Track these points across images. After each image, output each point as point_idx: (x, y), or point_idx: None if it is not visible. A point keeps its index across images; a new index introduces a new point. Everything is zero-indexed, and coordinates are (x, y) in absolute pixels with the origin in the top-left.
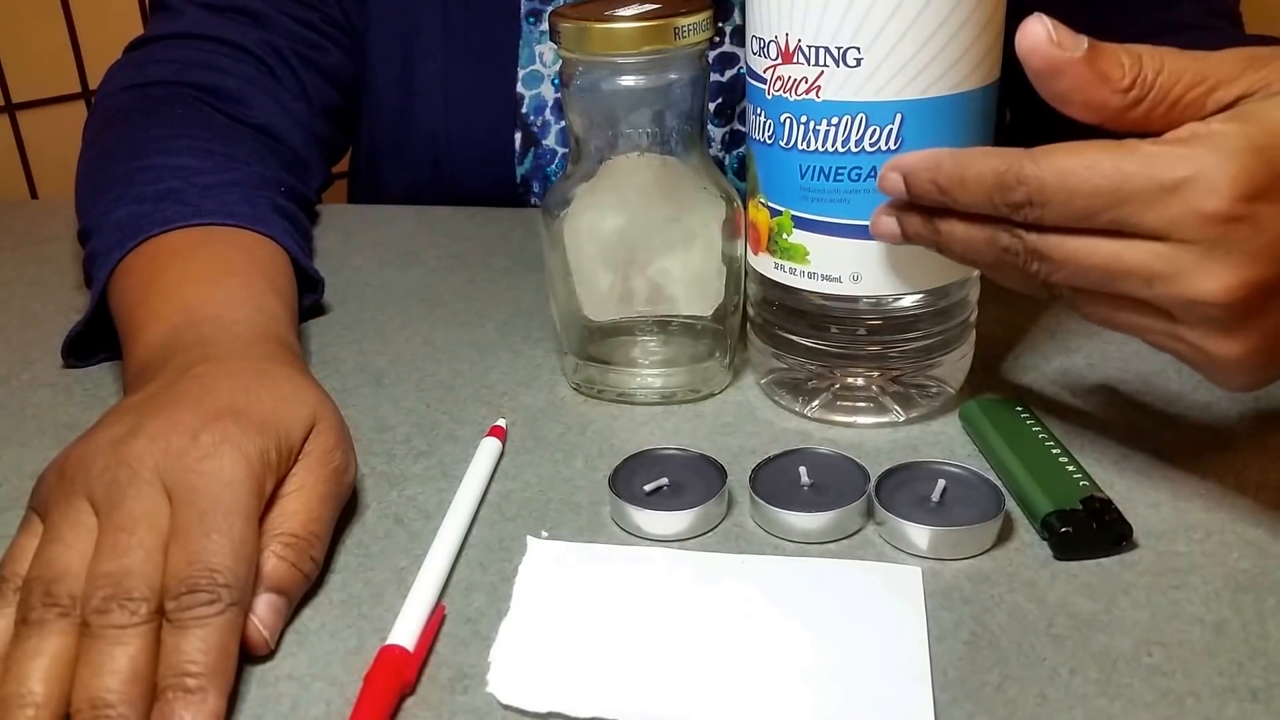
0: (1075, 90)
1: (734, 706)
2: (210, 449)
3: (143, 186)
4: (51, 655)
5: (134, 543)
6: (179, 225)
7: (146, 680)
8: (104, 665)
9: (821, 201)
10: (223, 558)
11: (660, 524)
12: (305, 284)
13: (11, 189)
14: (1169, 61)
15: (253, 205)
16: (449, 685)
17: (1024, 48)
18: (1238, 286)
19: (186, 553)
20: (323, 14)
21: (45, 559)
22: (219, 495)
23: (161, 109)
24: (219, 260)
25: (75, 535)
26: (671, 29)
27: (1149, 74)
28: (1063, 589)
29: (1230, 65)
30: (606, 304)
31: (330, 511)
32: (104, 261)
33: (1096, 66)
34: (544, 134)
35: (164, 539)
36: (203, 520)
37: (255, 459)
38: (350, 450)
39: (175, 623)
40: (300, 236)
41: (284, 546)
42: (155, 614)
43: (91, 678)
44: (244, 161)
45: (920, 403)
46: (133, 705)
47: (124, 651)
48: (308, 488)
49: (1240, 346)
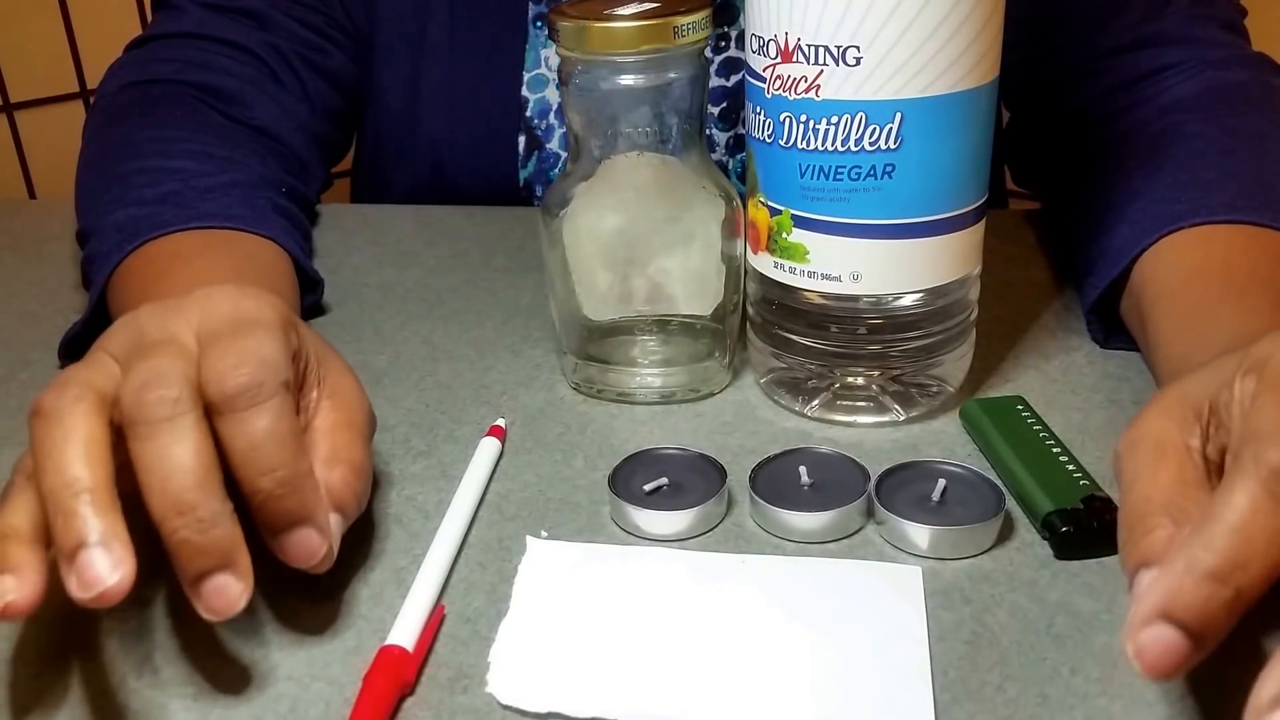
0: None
1: (734, 706)
2: (234, 292)
3: (141, 189)
4: (85, 437)
5: (160, 350)
6: (178, 228)
7: (218, 473)
8: (168, 466)
9: (821, 201)
10: (261, 350)
11: (660, 524)
12: (305, 284)
13: (10, 189)
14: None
15: (252, 207)
16: (448, 685)
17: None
18: None
19: (221, 352)
20: (326, 16)
21: (67, 375)
22: (248, 313)
23: (161, 109)
24: (219, 263)
25: (100, 365)
26: (671, 28)
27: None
28: (1063, 588)
29: (1217, 385)
30: (606, 303)
31: (370, 452)
32: (103, 264)
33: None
34: (548, 137)
35: (194, 352)
36: (235, 329)
37: (280, 309)
38: (367, 395)
39: (230, 415)
40: (300, 237)
41: (352, 474)
42: (196, 406)
43: (162, 483)
44: (244, 163)
45: (920, 402)
46: (217, 499)
47: (183, 448)
48: (354, 426)
49: None
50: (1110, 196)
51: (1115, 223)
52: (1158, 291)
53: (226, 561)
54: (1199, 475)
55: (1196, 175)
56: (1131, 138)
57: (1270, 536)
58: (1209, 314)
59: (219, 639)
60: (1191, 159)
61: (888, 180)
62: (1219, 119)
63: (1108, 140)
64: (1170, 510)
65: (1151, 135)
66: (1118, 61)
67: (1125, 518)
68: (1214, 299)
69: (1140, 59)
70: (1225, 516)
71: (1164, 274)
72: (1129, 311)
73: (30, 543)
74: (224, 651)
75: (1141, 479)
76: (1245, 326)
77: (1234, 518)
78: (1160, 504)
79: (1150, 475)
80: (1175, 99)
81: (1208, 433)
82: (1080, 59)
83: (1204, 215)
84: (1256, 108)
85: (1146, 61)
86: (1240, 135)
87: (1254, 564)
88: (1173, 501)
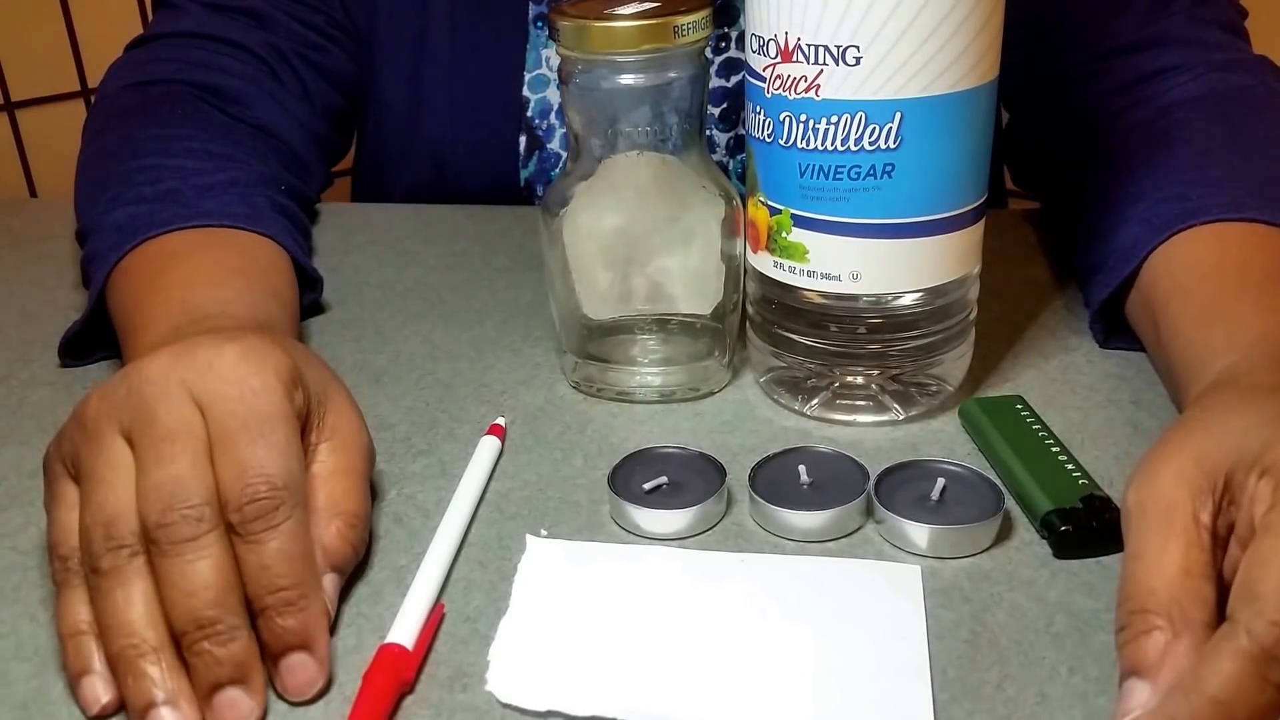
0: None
1: (733, 705)
2: (237, 358)
3: (141, 187)
4: (144, 597)
5: (177, 450)
6: (177, 227)
7: (238, 588)
8: (192, 583)
9: (821, 200)
10: (275, 463)
11: (660, 522)
12: (305, 283)
13: (11, 187)
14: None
15: (251, 205)
16: (448, 684)
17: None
18: None
19: (237, 462)
20: (326, 16)
21: (93, 505)
22: (255, 402)
23: (161, 108)
24: (218, 262)
25: (116, 473)
26: (671, 28)
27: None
28: (1062, 587)
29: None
30: (606, 302)
31: (368, 492)
32: (102, 263)
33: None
34: (549, 137)
35: (206, 447)
36: (246, 427)
37: (284, 369)
38: (367, 429)
39: (247, 537)
40: (300, 235)
41: (347, 527)
42: (219, 522)
43: (185, 599)
44: (244, 161)
45: (920, 401)
46: (237, 614)
47: (206, 564)
48: (353, 471)
49: None
50: (1116, 196)
51: (1122, 222)
52: (1171, 288)
53: (242, 675)
54: (1204, 560)
55: (1205, 174)
56: (1135, 138)
57: (1251, 712)
58: (1228, 309)
59: None
60: (1199, 158)
61: (887, 180)
62: (1224, 120)
63: (1110, 140)
64: (1171, 610)
65: (1156, 135)
66: (1118, 62)
67: (1126, 600)
68: (1232, 295)
69: (1141, 60)
70: (1209, 685)
71: (1177, 271)
72: (1137, 310)
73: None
74: None
75: (1147, 557)
76: (1265, 324)
77: (1217, 688)
78: (1163, 601)
79: (1156, 555)
80: (1179, 99)
81: (1220, 505)
82: (1081, 60)
83: (1215, 213)
84: (1260, 110)
85: (1147, 62)
86: (1246, 136)
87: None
88: (1175, 599)
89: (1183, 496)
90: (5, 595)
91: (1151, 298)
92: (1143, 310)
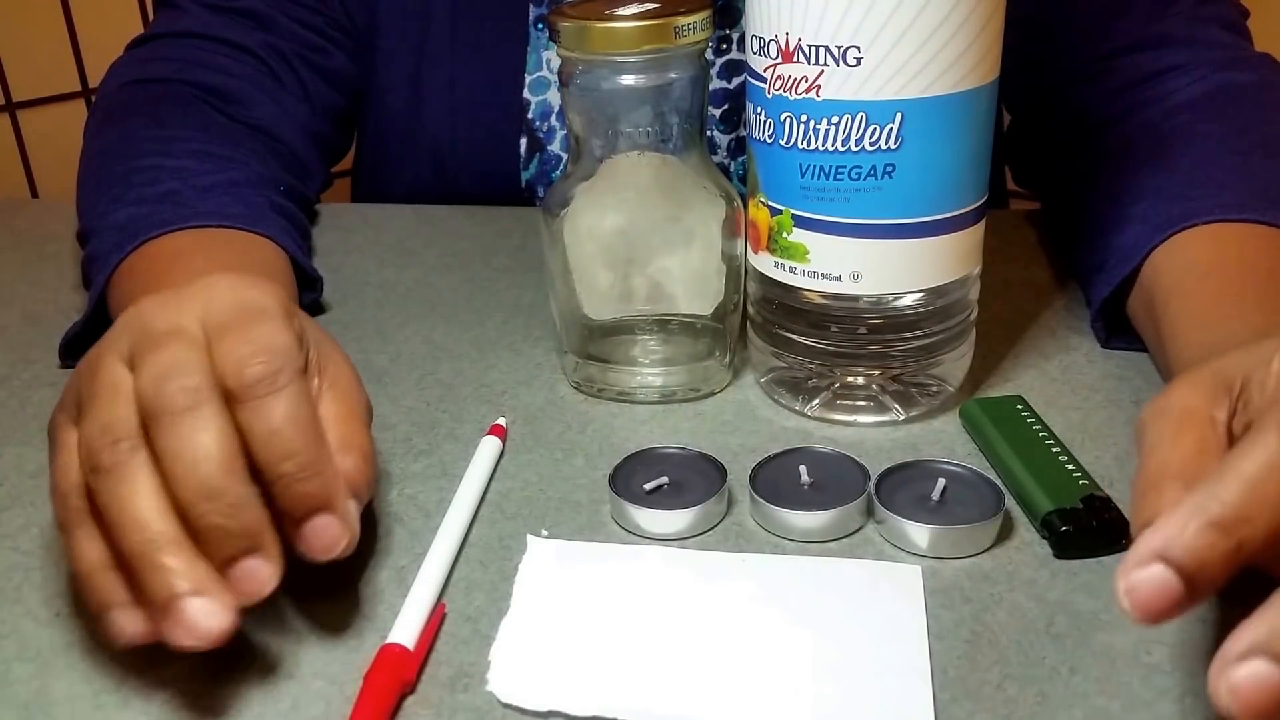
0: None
1: (734, 705)
2: (233, 282)
3: (141, 188)
4: (150, 489)
5: (174, 342)
6: (177, 227)
7: (243, 458)
8: (195, 453)
9: (821, 200)
10: (273, 338)
11: (660, 523)
12: (305, 282)
13: (12, 187)
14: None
15: (250, 205)
16: (449, 684)
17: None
18: None
19: (234, 341)
20: (327, 17)
21: (90, 417)
22: (252, 300)
23: (161, 108)
24: (217, 262)
25: (115, 390)
26: (671, 28)
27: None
28: (1063, 588)
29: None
30: (606, 303)
31: (373, 443)
32: (103, 264)
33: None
34: (549, 140)
35: (204, 342)
36: (243, 313)
37: (282, 298)
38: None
39: (249, 402)
40: (299, 235)
41: (362, 459)
42: (218, 396)
43: (190, 471)
44: (243, 162)
45: (920, 401)
46: (244, 483)
47: (208, 435)
48: (357, 416)
49: None
50: (1119, 196)
51: (1125, 222)
52: (1172, 286)
53: (257, 544)
54: (1219, 445)
55: (1208, 175)
56: (1138, 138)
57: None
58: (1230, 308)
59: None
60: (1202, 159)
61: (888, 180)
62: (1228, 120)
63: (1113, 141)
64: (1185, 476)
65: (1160, 135)
66: (1121, 63)
67: (1139, 483)
68: (1233, 294)
69: (1143, 60)
70: (1240, 468)
71: (1179, 269)
72: (1138, 309)
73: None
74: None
75: (1161, 446)
76: (1266, 323)
77: (1249, 470)
78: (1176, 470)
79: (1170, 442)
80: (1183, 100)
81: (1235, 406)
82: (1083, 60)
83: (1217, 213)
84: (1264, 110)
85: (1150, 63)
86: (1250, 136)
87: (1260, 520)
88: (1188, 468)
89: (1198, 399)
90: (6, 595)
91: (1152, 297)
92: (1144, 309)
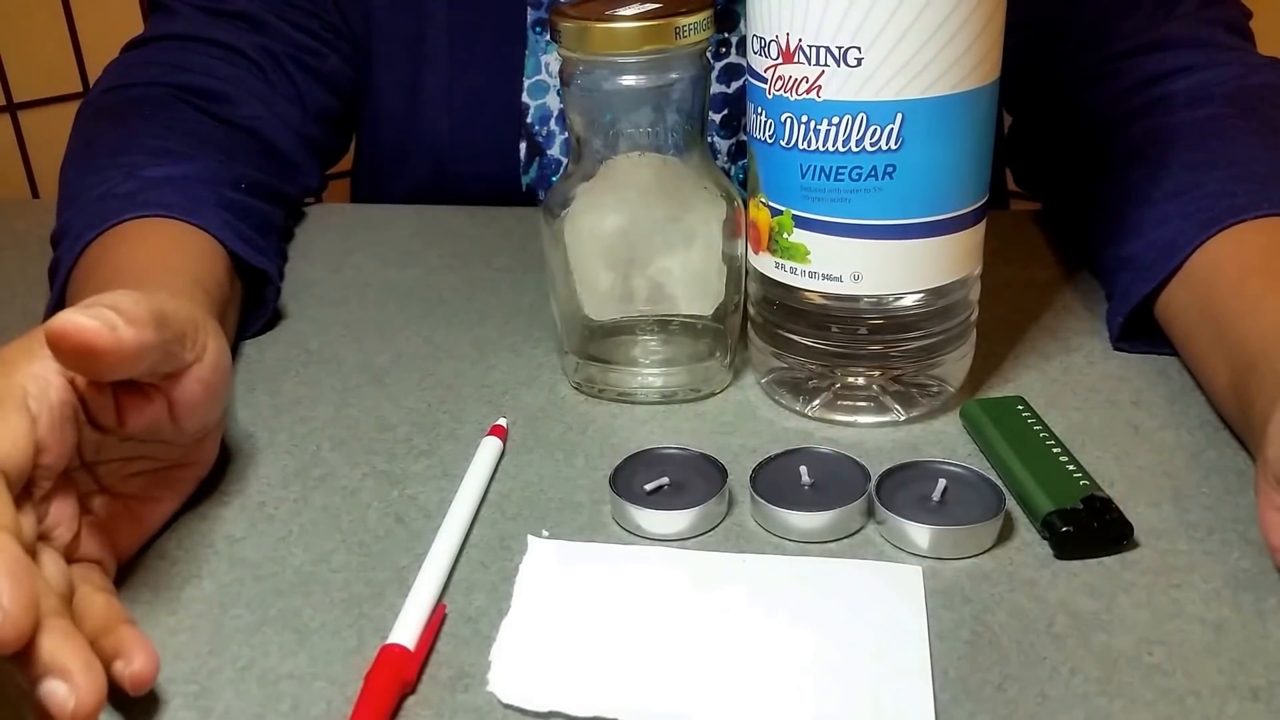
0: None
1: (734, 705)
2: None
3: (91, 189)
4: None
5: None
6: (113, 222)
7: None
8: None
9: (822, 201)
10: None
11: (661, 523)
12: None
13: (12, 188)
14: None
15: (189, 197)
16: (450, 684)
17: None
18: None
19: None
20: (322, 20)
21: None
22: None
23: (130, 110)
24: (139, 250)
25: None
26: (672, 29)
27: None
28: (1063, 588)
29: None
30: (607, 303)
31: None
32: (60, 270)
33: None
34: (549, 144)
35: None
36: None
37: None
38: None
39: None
40: (250, 230)
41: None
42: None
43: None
44: (197, 158)
45: (921, 402)
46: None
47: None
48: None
49: None
50: (1147, 193)
51: (1162, 219)
52: (1238, 273)
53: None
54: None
55: (1248, 170)
56: (1159, 136)
57: None
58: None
59: (221, 637)
60: (1240, 155)
61: (889, 181)
62: (1255, 117)
63: (1130, 139)
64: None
65: (1185, 132)
66: (1127, 64)
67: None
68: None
69: (1150, 61)
70: None
71: (1240, 258)
72: (1181, 304)
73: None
74: (226, 650)
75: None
76: None
77: None
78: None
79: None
80: (1205, 98)
81: None
82: (1088, 62)
83: (1266, 209)
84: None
85: (1156, 64)
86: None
87: None
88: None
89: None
90: None
91: (1210, 289)
92: (1195, 302)
